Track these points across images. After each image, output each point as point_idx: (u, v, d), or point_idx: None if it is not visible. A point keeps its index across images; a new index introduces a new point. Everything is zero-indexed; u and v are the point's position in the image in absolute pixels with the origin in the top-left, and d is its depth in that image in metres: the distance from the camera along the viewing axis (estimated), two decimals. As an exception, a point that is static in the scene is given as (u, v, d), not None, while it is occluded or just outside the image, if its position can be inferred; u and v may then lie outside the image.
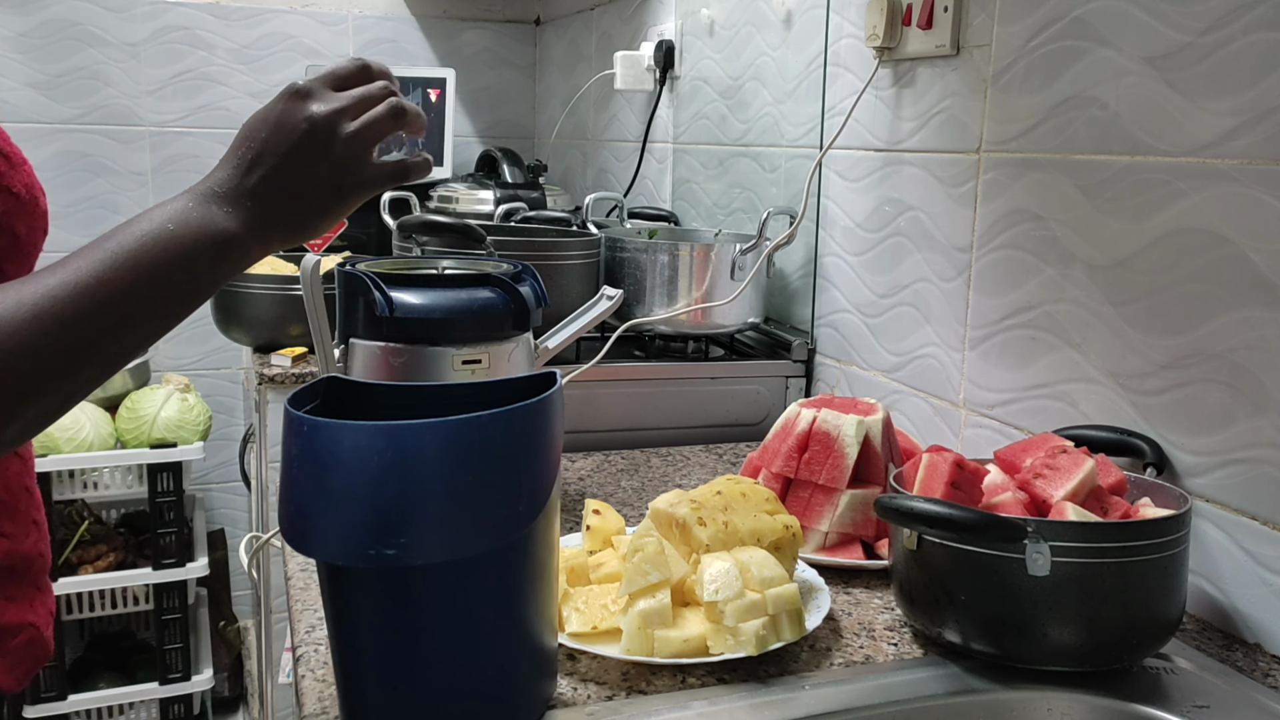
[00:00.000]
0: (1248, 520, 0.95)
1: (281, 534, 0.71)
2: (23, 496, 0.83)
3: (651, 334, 1.67)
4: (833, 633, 0.95)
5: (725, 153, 1.95)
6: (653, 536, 0.91)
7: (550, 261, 1.52)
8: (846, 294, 1.56)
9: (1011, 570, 0.83)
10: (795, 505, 1.10)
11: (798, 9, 1.68)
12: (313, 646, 0.90)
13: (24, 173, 0.75)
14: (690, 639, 0.86)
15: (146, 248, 0.64)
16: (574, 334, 1.19)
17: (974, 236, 1.28)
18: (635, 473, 1.41)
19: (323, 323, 1.07)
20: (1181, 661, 0.90)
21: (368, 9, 2.94)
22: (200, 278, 0.67)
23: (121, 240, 0.64)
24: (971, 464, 0.95)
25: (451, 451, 0.68)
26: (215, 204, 0.68)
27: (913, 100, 1.39)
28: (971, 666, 0.88)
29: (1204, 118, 0.98)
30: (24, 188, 0.74)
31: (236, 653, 2.74)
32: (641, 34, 2.31)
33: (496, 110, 3.13)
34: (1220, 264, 0.96)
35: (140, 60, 2.77)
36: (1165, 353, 1.03)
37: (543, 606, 0.77)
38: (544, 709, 0.80)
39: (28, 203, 0.74)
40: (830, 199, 1.59)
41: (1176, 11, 1.00)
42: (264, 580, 1.96)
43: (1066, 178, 1.13)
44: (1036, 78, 1.17)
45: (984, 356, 1.27)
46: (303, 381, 1.64)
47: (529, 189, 2.35)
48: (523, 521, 0.72)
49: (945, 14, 1.29)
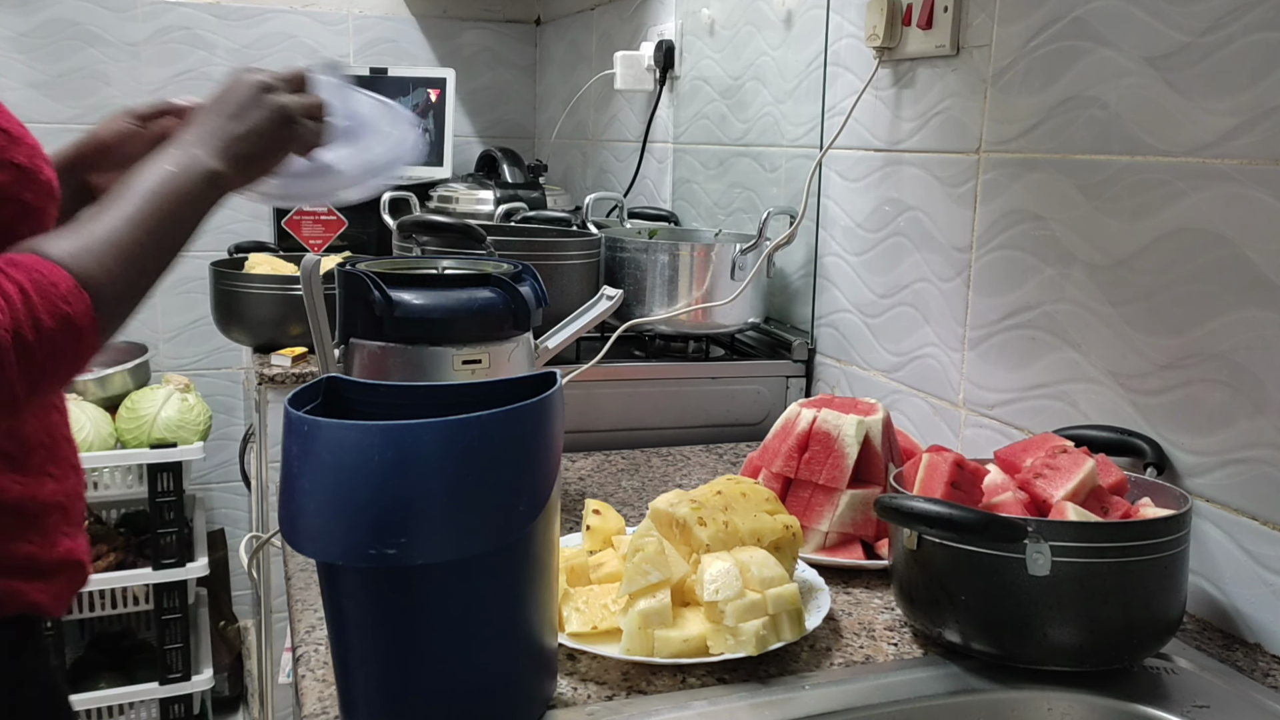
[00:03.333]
0: (1248, 520, 0.95)
1: (281, 534, 0.71)
2: (63, 445, 0.94)
3: (651, 334, 1.67)
4: (833, 633, 0.95)
5: (725, 153, 1.95)
6: (653, 536, 0.91)
7: (550, 261, 1.52)
8: (846, 294, 1.56)
9: (1012, 570, 0.83)
10: (795, 505, 1.11)
11: (798, 9, 1.68)
12: (313, 646, 0.90)
13: (26, 145, 0.84)
14: (690, 639, 0.86)
15: (166, 185, 0.82)
16: (574, 334, 1.19)
17: (974, 236, 1.28)
18: (635, 473, 1.41)
19: (323, 323, 1.07)
20: (1182, 661, 0.90)
21: (368, 9, 2.94)
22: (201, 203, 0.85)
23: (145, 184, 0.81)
24: (971, 464, 0.95)
25: (451, 451, 0.68)
26: (197, 149, 0.86)
27: (913, 100, 1.39)
28: (971, 666, 0.88)
29: (1204, 118, 0.98)
30: (26, 158, 0.83)
31: (236, 653, 2.74)
32: (641, 34, 2.31)
33: (496, 110, 3.13)
34: (1220, 264, 0.96)
35: (141, 60, 2.77)
36: (1165, 353, 1.03)
37: (543, 606, 0.77)
38: (544, 709, 0.80)
39: (30, 171, 0.84)
40: (830, 199, 1.59)
41: (1176, 11, 1.00)
42: (264, 580, 1.96)
43: (1066, 178, 1.13)
44: (1036, 78, 1.17)
45: (984, 356, 1.27)
46: (303, 381, 1.64)
47: (529, 189, 2.35)
48: (523, 521, 0.72)
49: (945, 14, 1.29)
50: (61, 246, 0.76)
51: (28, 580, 0.89)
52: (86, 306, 0.74)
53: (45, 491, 0.91)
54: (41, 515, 0.90)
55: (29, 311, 0.71)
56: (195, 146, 0.87)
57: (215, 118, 0.89)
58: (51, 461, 0.92)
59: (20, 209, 0.82)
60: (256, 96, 0.90)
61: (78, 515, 0.96)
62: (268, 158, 0.91)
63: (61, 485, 0.93)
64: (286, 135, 0.92)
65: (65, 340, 0.73)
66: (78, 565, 0.95)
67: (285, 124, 0.91)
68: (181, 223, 0.84)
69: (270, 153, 0.91)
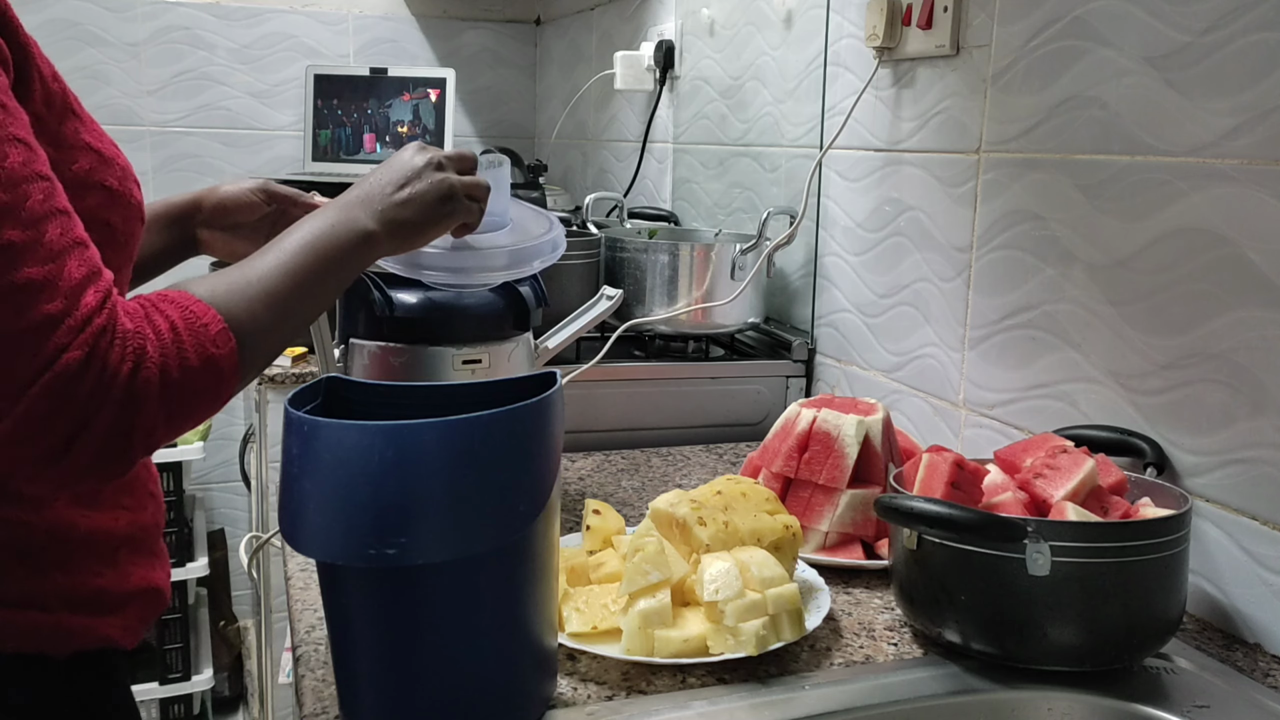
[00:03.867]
0: (1248, 520, 0.95)
1: (281, 534, 0.71)
2: (140, 471, 0.92)
3: (651, 334, 1.67)
4: (833, 633, 0.95)
5: (725, 153, 1.95)
6: (653, 536, 0.91)
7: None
8: (846, 294, 1.56)
9: (1011, 570, 0.83)
10: (795, 505, 1.10)
11: (798, 9, 1.68)
12: (313, 646, 0.90)
13: (117, 167, 0.84)
14: (690, 639, 0.86)
15: (321, 240, 0.83)
16: (574, 334, 1.19)
17: (974, 236, 1.28)
18: (635, 473, 1.41)
19: (323, 323, 1.07)
20: (1181, 661, 0.90)
21: (368, 9, 2.94)
22: (352, 264, 0.86)
23: (300, 236, 0.83)
24: (971, 464, 0.95)
25: (451, 451, 0.68)
26: (357, 210, 0.88)
27: (913, 100, 1.39)
28: (971, 666, 0.88)
29: (1204, 118, 0.98)
30: (117, 181, 0.83)
31: (236, 653, 2.74)
32: (641, 34, 2.31)
33: (496, 110, 3.13)
34: (1220, 264, 0.96)
35: (141, 60, 2.77)
36: (1165, 353, 1.03)
37: (543, 606, 0.77)
38: (544, 709, 0.80)
39: (120, 195, 0.83)
40: (830, 199, 1.59)
41: (1176, 11, 1.00)
42: (264, 580, 1.96)
43: (1066, 178, 1.13)
44: (1036, 78, 1.17)
45: (984, 356, 1.27)
46: (303, 381, 1.64)
47: (529, 189, 2.35)
48: (523, 521, 0.72)
49: (945, 14, 1.29)
50: (214, 288, 0.76)
51: (97, 615, 0.86)
52: (232, 350, 0.74)
53: (119, 525, 0.88)
54: (114, 549, 0.88)
55: (177, 349, 0.71)
56: (356, 208, 0.87)
57: (379, 184, 0.90)
58: (126, 493, 0.90)
59: (107, 233, 0.81)
60: (423, 170, 0.91)
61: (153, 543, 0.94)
62: (426, 229, 0.92)
63: (136, 516, 0.91)
64: (446, 211, 0.92)
65: (207, 382, 0.72)
66: (153, 593, 0.92)
67: (447, 199, 0.92)
68: (332, 278, 0.84)
69: (428, 224, 0.92)
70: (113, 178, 0.82)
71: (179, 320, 0.72)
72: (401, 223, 0.89)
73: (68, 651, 0.84)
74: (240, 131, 2.88)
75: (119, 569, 0.88)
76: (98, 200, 0.80)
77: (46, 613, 0.83)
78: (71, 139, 0.80)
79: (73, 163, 0.79)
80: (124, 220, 0.83)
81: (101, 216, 0.80)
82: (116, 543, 0.88)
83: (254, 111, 2.88)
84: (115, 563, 0.88)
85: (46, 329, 0.65)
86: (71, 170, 0.78)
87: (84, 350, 0.66)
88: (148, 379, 0.69)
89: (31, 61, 0.79)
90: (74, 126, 0.81)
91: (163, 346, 0.70)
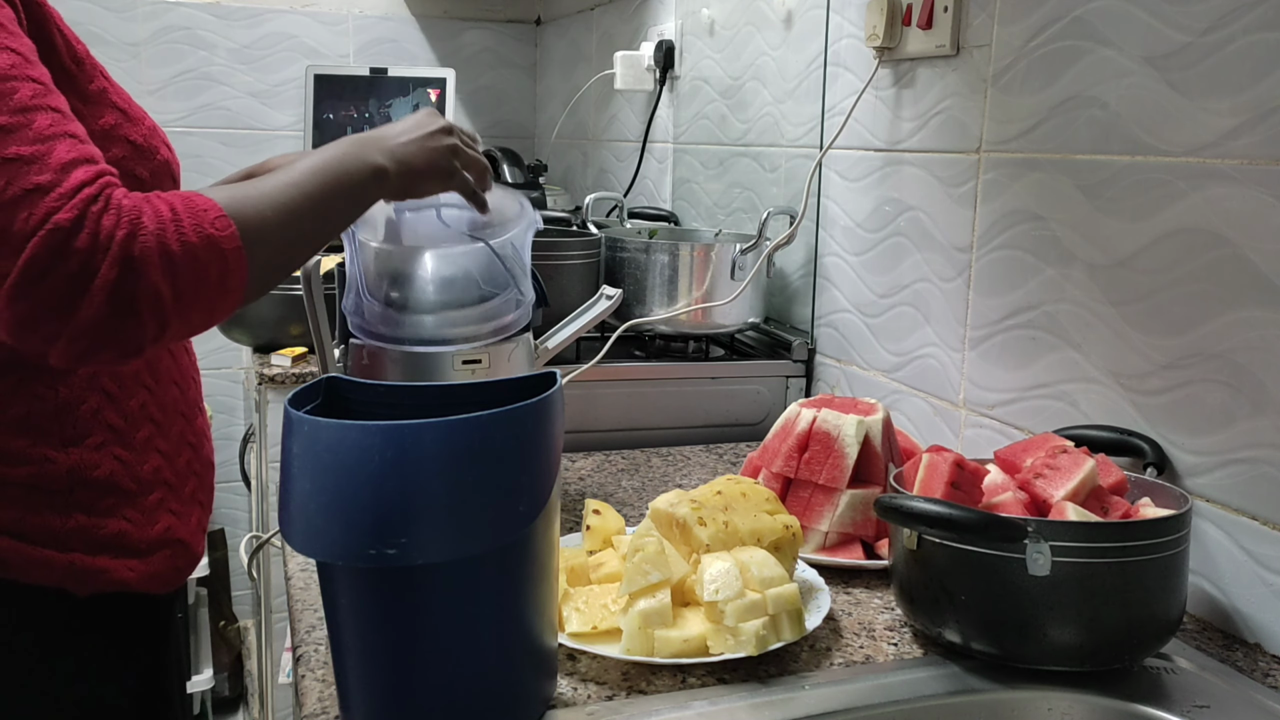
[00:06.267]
0: (1248, 520, 0.95)
1: (281, 534, 0.71)
2: (178, 421, 0.96)
3: (651, 334, 1.67)
4: (833, 633, 0.95)
5: (725, 153, 1.95)
6: (653, 536, 0.91)
7: (550, 261, 1.52)
8: (846, 294, 1.56)
9: (1012, 570, 0.83)
10: (795, 505, 1.10)
11: (798, 9, 1.68)
12: (313, 646, 0.90)
13: (144, 127, 0.89)
14: (690, 639, 0.86)
15: (332, 167, 0.87)
16: (574, 334, 1.19)
17: (974, 236, 1.28)
18: (635, 473, 1.41)
19: (323, 323, 1.07)
20: (1182, 661, 0.90)
21: (368, 9, 2.94)
22: (360, 194, 0.90)
23: (310, 162, 0.86)
24: (971, 464, 0.95)
25: (451, 451, 0.68)
26: (369, 147, 0.91)
27: (913, 100, 1.39)
28: (971, 666, 0.88)
29: (1204, 118, 0.98)
30: (141, 137, 0.88)
31: (236, 653, 2.74)
32: (641, 34, 2.31)
33: (497, 110, 3.13)
34: (1220, 264, 0.96)
35: (141, 60, 2.77)
36: (1165, 353, 1.03)
37: (543, 606, 0.77)
38: (544, 709, 0.80)
39: (145, 149, 0.88)
40: (830, 199, 1.59)
41: (1176, 11, 1.00)
42: (264, 580, 1.96)
43: (1066, 178, 1.13)
44: (1036, 78, 1.17)
45: (984, 356, 1.27)
46: (303, 381, 1.64)
47: (529, 189, 2.35)
48: (523, 521, 0.72)
49: (945, 14, 1.29)
50: (218, 190, 0.80)
51: (115, 557, 0.89)
52: (233, 234, 0.77)
53: (146, 468, 0.92)
54: (140, 492, 0.91)
55: (176, 226, 0.74)
56: (368, 145, 0.92)
57: (393, 131, 0.95)
58: (161, 436, 0.94)
59: (137, 185, 0.85)
60: (436, 131, 0.97)
61: (190, 492, 0.97)
62: (429, 179, 0.96)
63: (171, 463, 0.94)
64: (449, 169, 0.98)
65: (209, 260, 0.75)
66: (179, 544, 0.95)
67: (452, 158, 0.97)
68: (339, 203, 0.87)
69: (432, 176, 0.96)
70: (137, 134, 0.88)
71: (179, 204, 0.76)
72: (411, 166, 0.93)
73: (86, 591, 0.88)
74: (240, 132, 2.88)
75: (145, 513, 0.91)
76: (122, 152, 0.86)
77: (61, 551, 0.87)
78: (98, 97, 0.86)
79: (99, 118, 0.85)
80: (152, 175, 0.89)
81: (129, 168, 0.86)
82: (143, 488, 0.91)
83: (254, 111, 2.88)
84: (143, 507, 0.91)
85: (36, 195, 0.70)
86: (98, 124, 0.85)
87: (74, 213, 0.70)
88: (146, 246, 0.72)
89: (50, 23, 0.83)
90: (101, 86, 0.87)
91: (160, 221, 0.73)
